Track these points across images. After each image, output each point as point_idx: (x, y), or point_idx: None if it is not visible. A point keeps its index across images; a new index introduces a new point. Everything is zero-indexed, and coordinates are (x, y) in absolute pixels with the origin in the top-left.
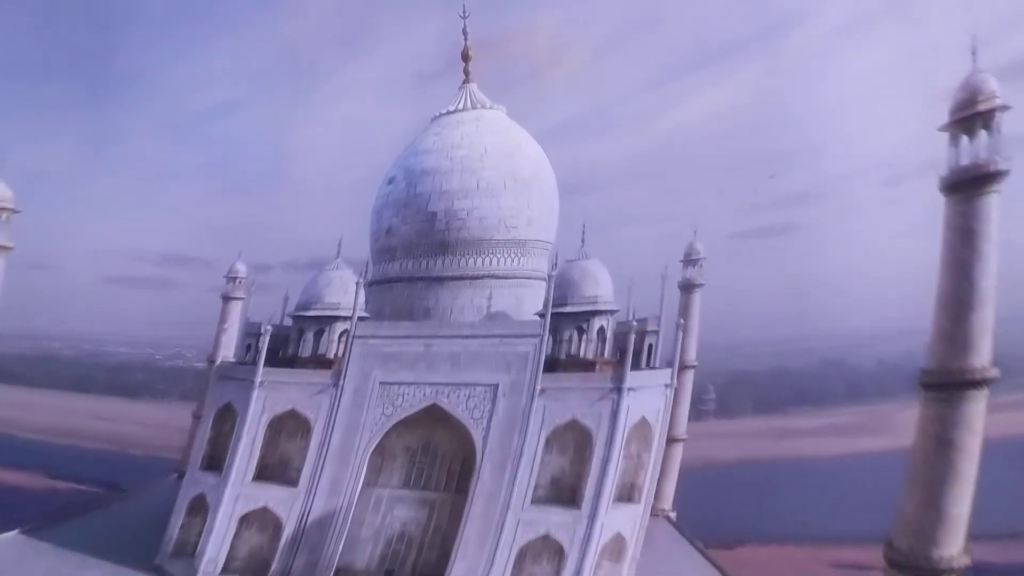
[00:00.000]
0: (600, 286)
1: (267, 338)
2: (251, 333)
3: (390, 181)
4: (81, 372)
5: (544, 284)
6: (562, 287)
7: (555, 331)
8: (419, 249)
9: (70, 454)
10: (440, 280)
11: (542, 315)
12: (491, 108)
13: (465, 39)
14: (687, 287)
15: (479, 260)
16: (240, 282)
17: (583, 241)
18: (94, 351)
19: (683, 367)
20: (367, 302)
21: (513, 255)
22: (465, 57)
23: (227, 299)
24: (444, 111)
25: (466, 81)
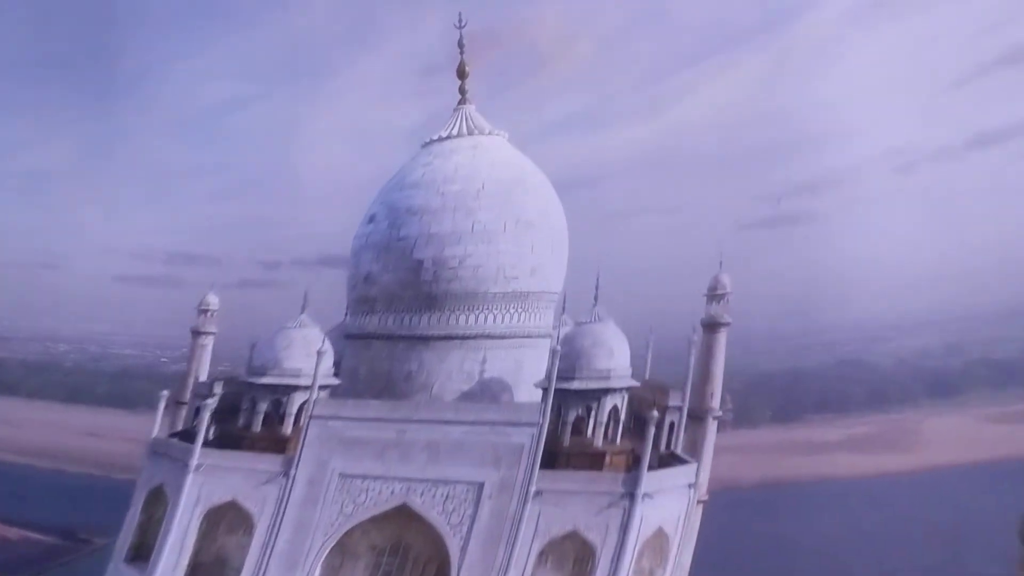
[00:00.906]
0: (615, 357)
1: (207, 413)
2: (200, 395)
3: (370, 219)
4: (81, 380)
5: (549, 342)
6: (569, 357)
7: (558, 409)
8: (402, 302)
9: (48, 483)
10: (425, 340)
11: (545, 388)
12: (491, 134)
13: (461, 52)
14: (711, 326)
15: (472, 317)
16: (212, 315)
17: (596, 299)
18: (99, 354)
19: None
20: (341, 359)
21: (512, 311)
22: (461, 74)
23: (197, 334)
24: (435, 137)
25: (462, 102)
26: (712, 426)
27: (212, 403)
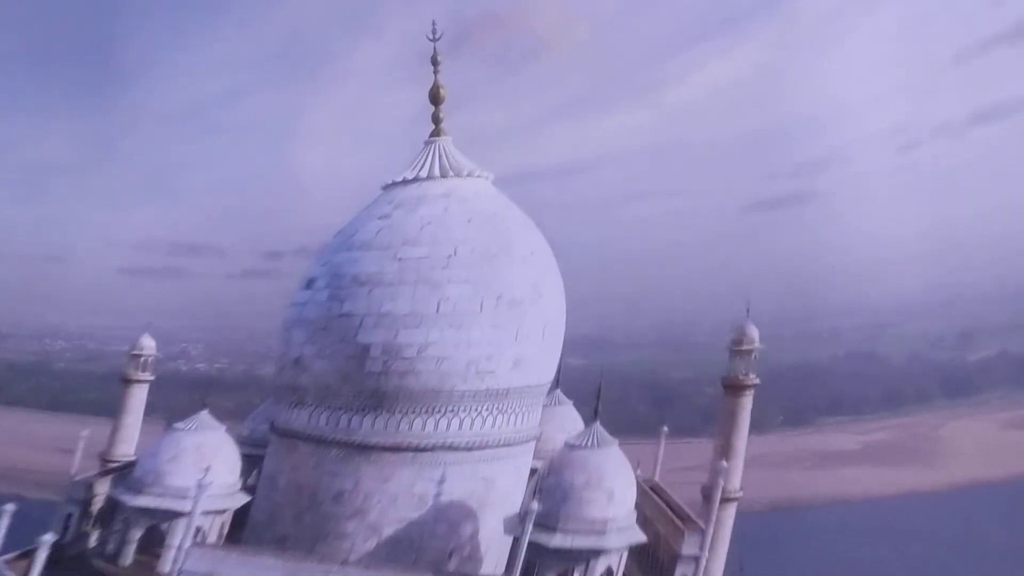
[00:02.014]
0: (615, 502)
1: (45, 552)
2: (75, 499)
3: (308, 284)
4: (69, 384)
5: (531, 448)
6: (553, 497)
7: (530, 566)
8: (338, 397)
9: None
10: (365, 449)
11: (516, 538)
12: (470, 176)
13: (435, 70)
14: (734, 387)
15: (430, 422)
16: (147, 361)
17: (596, 411)
18: (96, 351)
19: (725, 500)
20: (258, 459)
21: (485, 414)
22: (435, 98)
23: (128, 383)
24: (400, 178)
25: (435, 133)
26: (730, 510)
27: (50, 539)
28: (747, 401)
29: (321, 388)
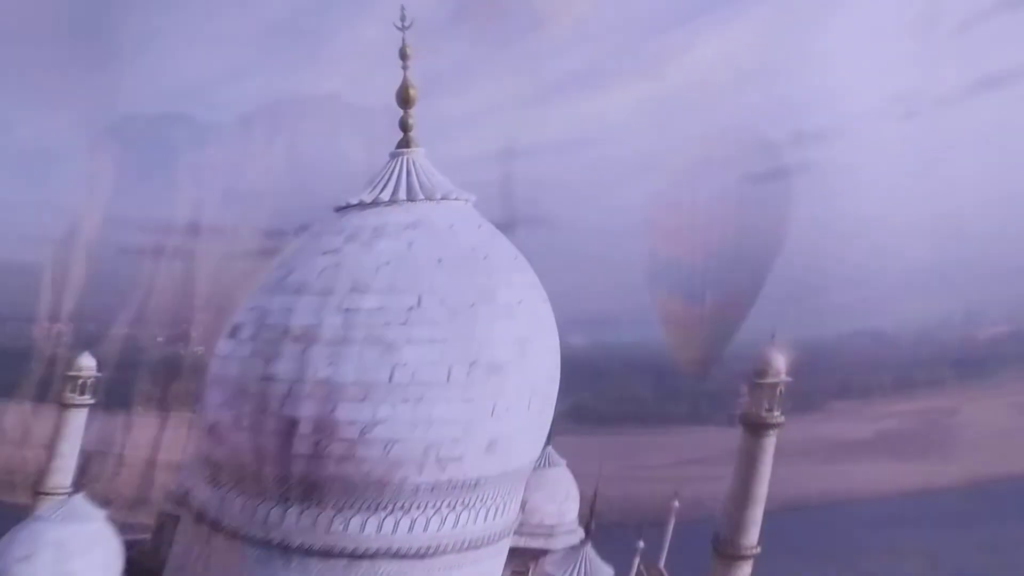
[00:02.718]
0: None
1: None
2: None
3: (232, 332)
4: (62, 372)
5: (505, 546)
6: None
7: None
8: (257, 482)
9: None
10: (287, 550)
11: None
12: (445, 199)
13: (404, 65)
14: (755, 426)
15: (371, 521)
16: (87, 384)
17: (591, 518)
18: (94, 334)
19: (741, 557)
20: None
21: (445, 510)
22: (404, 100)
23: (65, 407)
24: (356, 200)
25: (404, 144)
26: (745, 568)
27: None
28: (769, 443)
29: (236, 467)
